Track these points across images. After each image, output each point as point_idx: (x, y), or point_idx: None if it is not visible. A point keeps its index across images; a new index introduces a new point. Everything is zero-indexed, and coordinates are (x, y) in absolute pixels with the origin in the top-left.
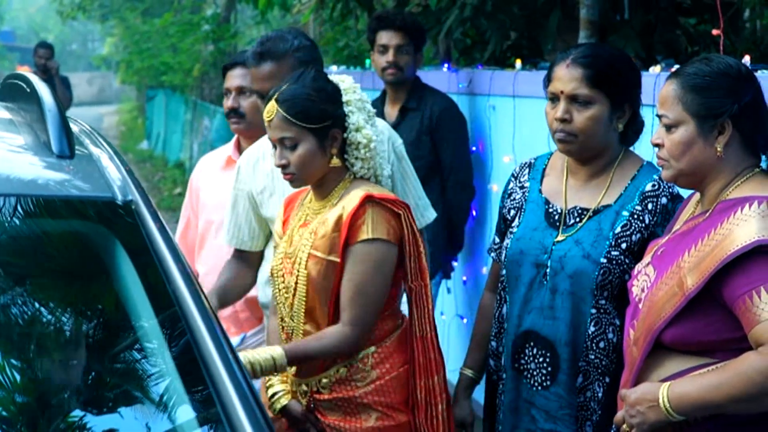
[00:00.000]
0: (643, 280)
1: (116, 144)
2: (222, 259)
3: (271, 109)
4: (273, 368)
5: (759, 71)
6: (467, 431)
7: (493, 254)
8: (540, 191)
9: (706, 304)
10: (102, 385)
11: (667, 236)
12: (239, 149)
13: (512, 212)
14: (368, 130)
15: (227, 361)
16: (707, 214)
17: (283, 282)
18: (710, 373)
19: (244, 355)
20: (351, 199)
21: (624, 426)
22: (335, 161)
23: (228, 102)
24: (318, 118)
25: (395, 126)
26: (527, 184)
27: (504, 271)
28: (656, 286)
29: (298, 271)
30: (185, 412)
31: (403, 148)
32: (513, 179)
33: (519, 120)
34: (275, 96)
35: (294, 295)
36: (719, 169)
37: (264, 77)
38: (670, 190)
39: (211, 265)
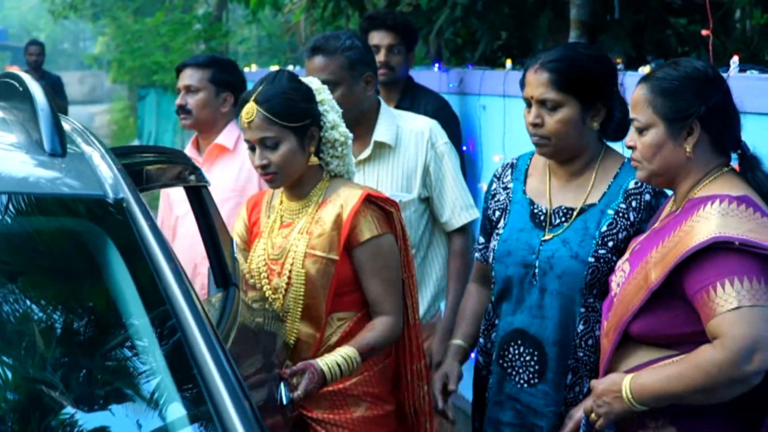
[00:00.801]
0: (620, 275)
1: (108, 143)
2: (192, 246)
3: (251, 110)
4: (350, 369)
5: (748, 71)
6: (450, 378)
7: (477, 254)
8: (524, 192)
9: (669, 298)
10: (93, 382)
11: (646, 233)
12: (198, 147)
13: (497, 213)
14: (344, 128)
15: (218, 359)
16: (677, 211)
17: (269, 284)
18: (669, 365)
19: (322, 361)
20: (348, 197)
21: (592, 415)
22: (313, 159)
23: (177, 99)
24: (299, 117)
25: None
26: (510, 185)
27: (493, 273)
28: (628, 281)
29: (291, 271)
30: (176, 410)
31: (449, 147)
32: (496, 180)
33: (509, 119)
34: (253, 97)
35: (285, 295)
36: (689, 169)
37: (314, 69)
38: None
39: (182, 253)
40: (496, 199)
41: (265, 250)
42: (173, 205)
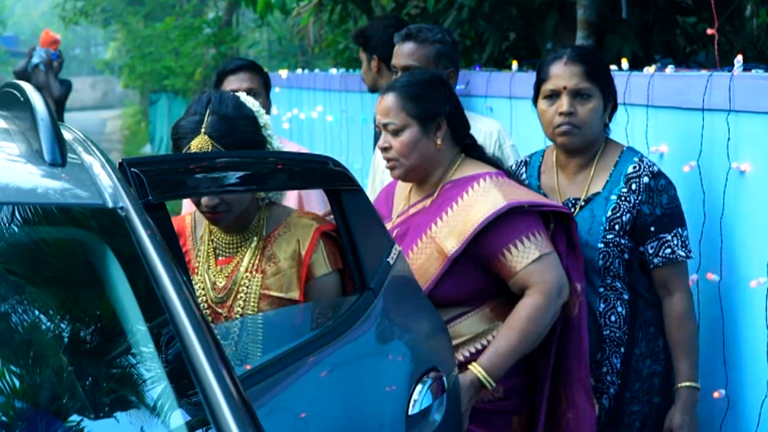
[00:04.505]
0: None
1: (120, 148)
2: None
3: (204, 145)
4: None
5: (753, 70)
6: None
7: None
8: (539, 188)
9: (463, 263)
10: (92, 391)
11: (391, 221)
12: None
13: None
14: None
15: (216, 367)
16: (435, 195)
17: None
18: (501, 337)
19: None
20: (302, 231)
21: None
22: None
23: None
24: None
25: None
26: (526, 182)
27: None
28: (411, 256)
29: (241, 315)
30: (175, 418)
31: (515, 150)
32: None
33: (516, 121)
34: (203, 129)
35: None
36: (439, 159)
37: (403, 54)
38: (650, 169)
39: None
40: None
41: (204, 291)
42: None
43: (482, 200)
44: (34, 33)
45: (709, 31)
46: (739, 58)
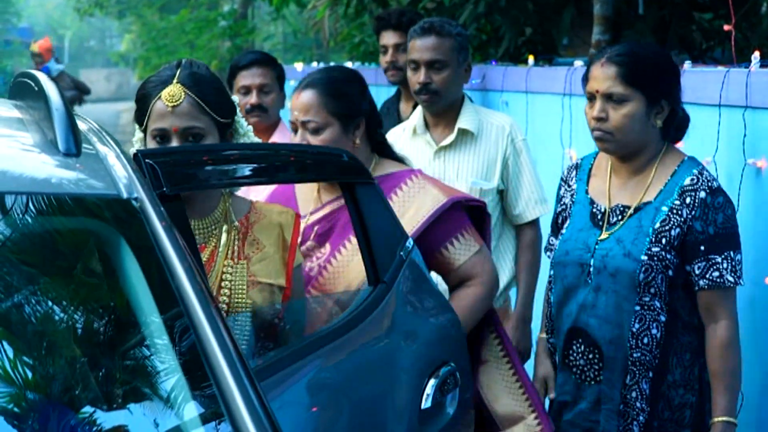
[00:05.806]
0: (318, 254)
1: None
2: None
3: (177, 93)
4: None
5: None
6: (549, 385)
7: (548, 253)
8: (586, 192)
9: None
10: (105, 382)
11: (304, 219)
12: None
13: (562, 215)
14: (254, 138)
15: (230, 359)
16: None
17: None
18: None
19: None
20: (282, 217)
21: None
22: None
23: (252, 99)
24: (227, 112)
25: None
26: (574, 186)
27: (552, 271)
28: (340, 256)
29: (228, 304)
30: (189, 410)
31: (526, 144)
32: (563, 183)
33: (531, 116)
34: (175, 80)
35: None
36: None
37: (425, 48)
38: (709, 184)
39: None
40: (562, 201)
41: None
42: None
43: (421, 197)
44: (49, 24)
45: (726, 27)
46: (756, 54)
